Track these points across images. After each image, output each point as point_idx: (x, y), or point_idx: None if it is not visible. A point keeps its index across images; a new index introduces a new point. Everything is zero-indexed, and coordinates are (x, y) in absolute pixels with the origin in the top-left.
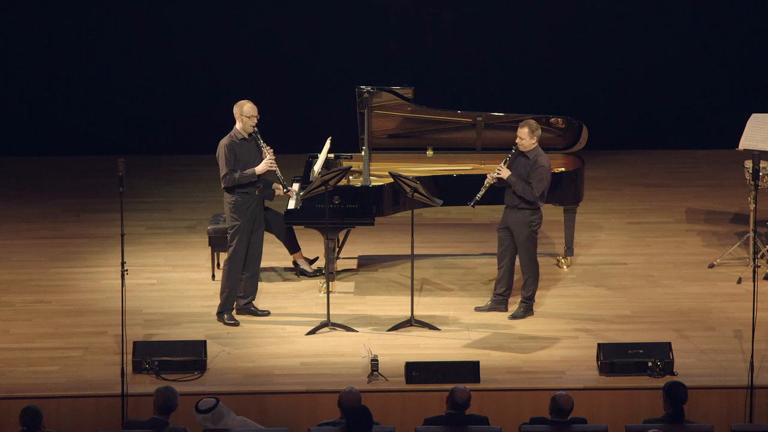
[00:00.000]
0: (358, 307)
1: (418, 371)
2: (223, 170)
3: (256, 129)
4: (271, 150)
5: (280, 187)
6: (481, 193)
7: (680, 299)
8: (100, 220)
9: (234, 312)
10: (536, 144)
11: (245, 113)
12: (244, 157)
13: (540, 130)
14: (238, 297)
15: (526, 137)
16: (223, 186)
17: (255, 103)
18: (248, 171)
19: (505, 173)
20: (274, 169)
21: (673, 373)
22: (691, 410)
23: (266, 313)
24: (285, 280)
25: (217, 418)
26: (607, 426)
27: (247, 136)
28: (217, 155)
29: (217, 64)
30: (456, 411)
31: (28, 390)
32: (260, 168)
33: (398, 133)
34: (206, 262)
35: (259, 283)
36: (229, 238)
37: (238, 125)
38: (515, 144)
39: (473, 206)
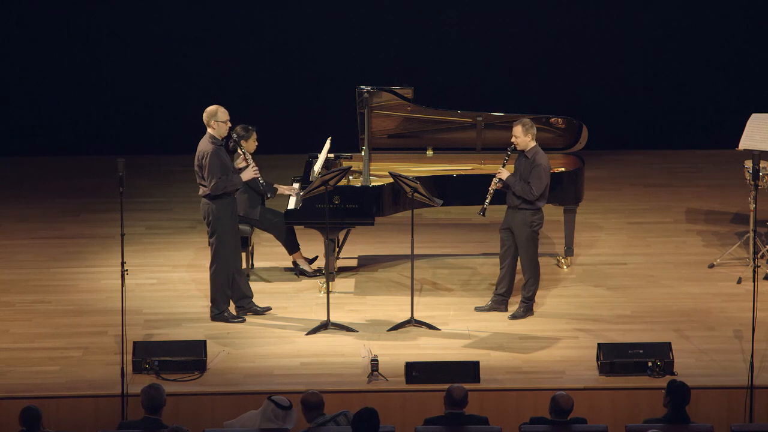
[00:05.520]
0: (358, 307)
1: (418, 371)
2: (213, 178)
3: (234, 136)
4: (250, 156)
5: (285, 189)
6: (488, 200)
7: (680, 299)
8: (100, 220)
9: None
10: (534, 143)
11: (219, 119)
12: (224, 162)
13: (534, 128)
14: (241, 299)
15: (520, 135)
16: (210, 192)
17: (256, 103)
18: (236, 179)
19: (504, 174)
20: (257, 176)
21: (673, 373)
22: (691, 410)
23: (268, 309)
24: (285, 280)
25: (290, 419)
26: (607, 426)
27: (221, 141)
28: (201, 158)
29: (217, 64)
30: (455, 409)
31: (28, 390)
32: (246, 176)
33: (398, 133)
34: (206, 262)
35: (260, 283)
36: (213, 243)
37: (212, 131)
38: (511, 144)
39: (483, 215)
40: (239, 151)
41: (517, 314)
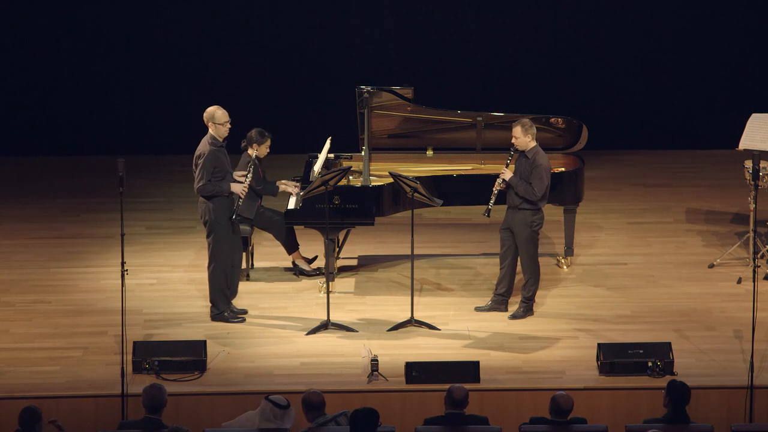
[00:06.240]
0: (358, 307)
1: (418, 371)
2: (203, 179)
3: (250, 165)
4: (251, 178)
5: (290, 186)
6: (492, 201)
7: (680, 299)
8: (100, 220)
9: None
10: (535, 143)
11: (217, 120)
12: (220, 164)
13: (534, 128)
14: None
15: (520, 135)
16: (196, 191)
17: (256, 103)
18: (224, 186)
19: (508, 174)
20: (241, 196)
21: (673, 373)
22: (691, 410)
23: (244, 312)
24: (285, 280)
25: (288, 418)
26: (607, 426)
27: (223, 142)
28: (197, 157)
29: (218, 64)
30: (455, 409)
31: (28, 390)
32: (234, 188)
33: (398, 133)
34: (206, 262)
35: (260, 283)
36: (210, 242)
37: (212, 131)
38: (512, 144)
39: (488, 216)
40: (249, 166)
41: (517, 314)
